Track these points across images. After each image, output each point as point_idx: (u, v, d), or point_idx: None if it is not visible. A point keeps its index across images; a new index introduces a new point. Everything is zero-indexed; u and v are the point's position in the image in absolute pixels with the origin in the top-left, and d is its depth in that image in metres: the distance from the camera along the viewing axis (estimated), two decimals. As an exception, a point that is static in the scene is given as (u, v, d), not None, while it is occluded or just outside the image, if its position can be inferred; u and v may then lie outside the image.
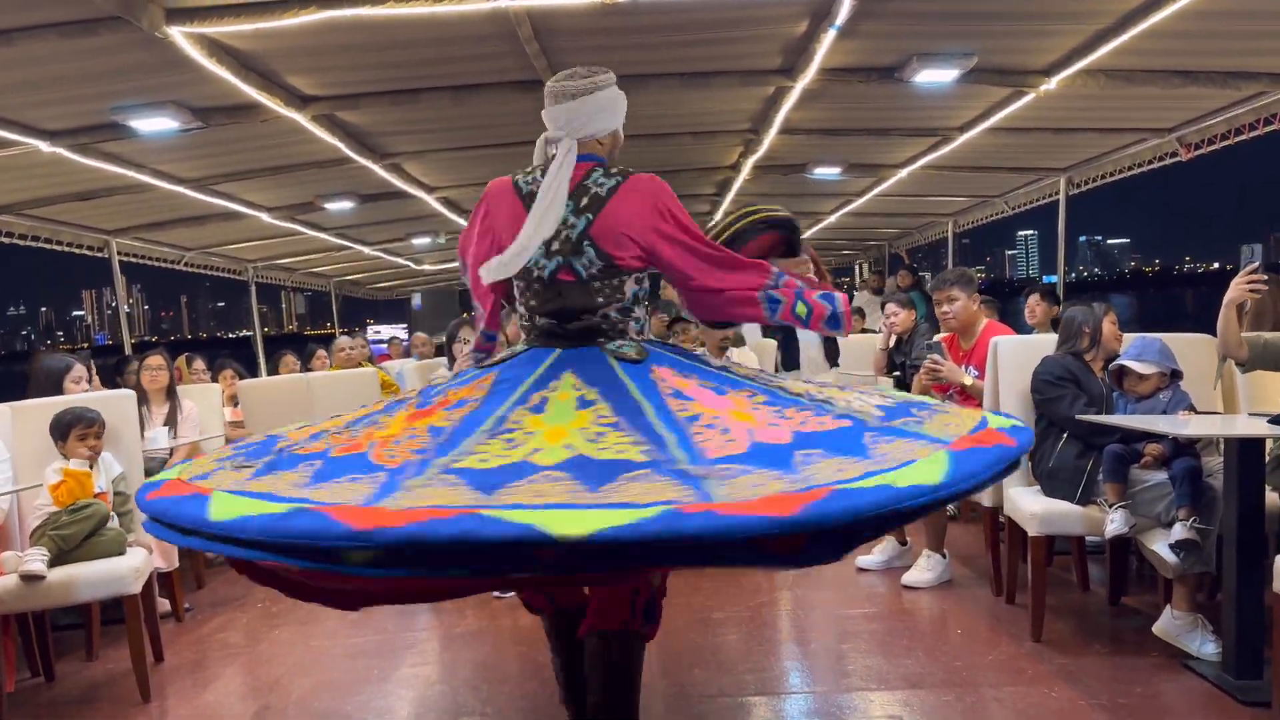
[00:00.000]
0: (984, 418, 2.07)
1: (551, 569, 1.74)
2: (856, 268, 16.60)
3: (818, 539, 1.66)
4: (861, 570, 4.41)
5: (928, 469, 1.73)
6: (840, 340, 5.74)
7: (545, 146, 2.36)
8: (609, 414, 1.98)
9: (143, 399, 5.01)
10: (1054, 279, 11.19)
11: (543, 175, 2.29)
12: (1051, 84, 5.49)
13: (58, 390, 4.11)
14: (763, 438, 1.90)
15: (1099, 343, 3.63)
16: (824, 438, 1.90)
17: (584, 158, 2.31)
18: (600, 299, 2.28)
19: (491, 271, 2.27)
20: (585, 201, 2.26)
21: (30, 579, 3.16)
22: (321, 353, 7.07)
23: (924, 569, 4.16)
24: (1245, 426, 3.03)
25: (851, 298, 10.63)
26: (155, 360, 5.10)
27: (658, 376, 2.16)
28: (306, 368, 7.12)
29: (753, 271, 2.30)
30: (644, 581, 2.32)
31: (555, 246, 2.27)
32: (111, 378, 5.88)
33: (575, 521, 1.54)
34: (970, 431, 1.95)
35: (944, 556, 4.20)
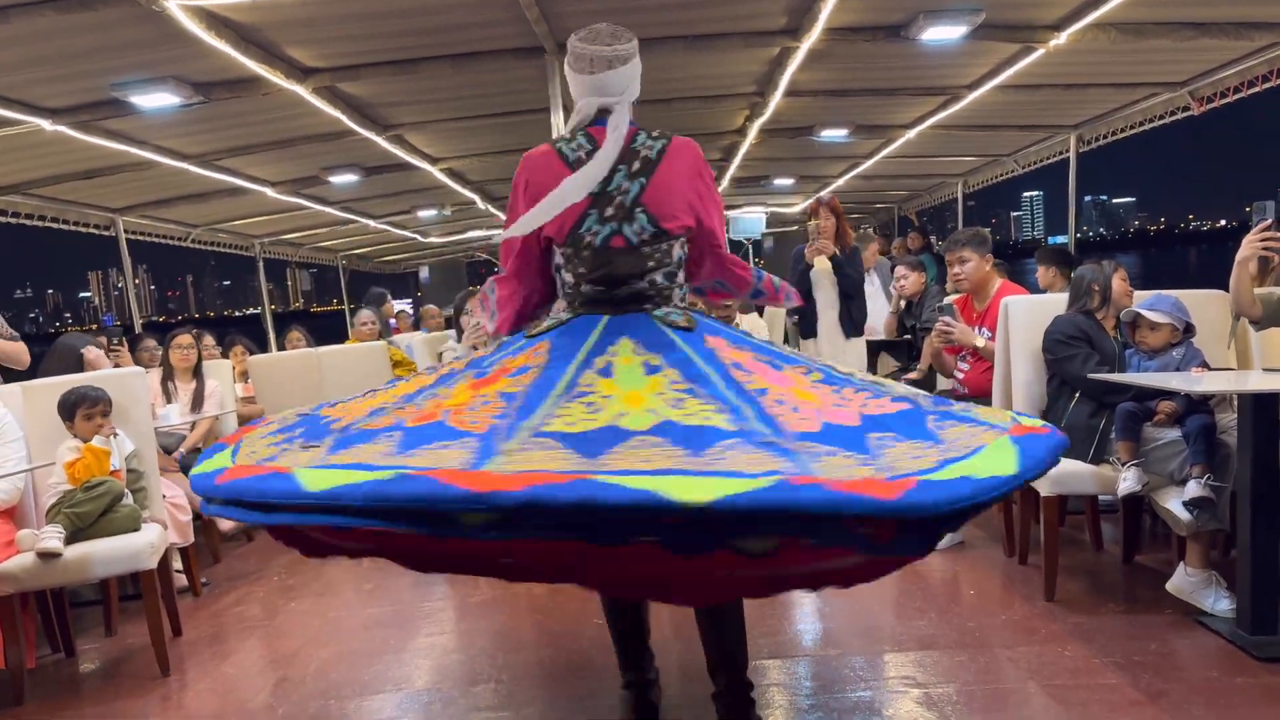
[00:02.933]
0: (1012, 416, 2.07)
1: (670, 536, 1.70)
2: (863, 231, 16.48)
3: (906, 528, 1.64)
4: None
5: (1000, 457, 1.73)
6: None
7: (589, 112, 2.32)
8: (680, 379, 1.98)
9: (169, 375, 5.04)
10: (1057, 239, 11.11)
11: (586, 140, 2.28)
12: (1061, 39, 5.40)
13: (79, 367, 4.14)
14: (831, 418, 1.89)
15: (1110, 301, 3.60)
16: (891, 420, 1.90)
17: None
18: (651, 264, 2.28)
19: (528, 220, 2.25)
20: (637, 166, 2.27)
21: (47, 556, 3.19)
22: (295, 334, 7.03)
23: (937, 531, 4.15)
24: (1259, 382, 3.01)
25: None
26: (185, 339, 5.13)
27: (713, 346, 2.16)
28: (281, 349, 7.07)
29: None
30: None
31: (610, 212, 2.26)
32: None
33: (696, 488, 1.53)
34: (1012, 422, 1.96)
35: (957, 518, 4.19)
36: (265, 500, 1.77)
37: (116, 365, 4.96)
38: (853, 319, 5.31)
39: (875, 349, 6.37)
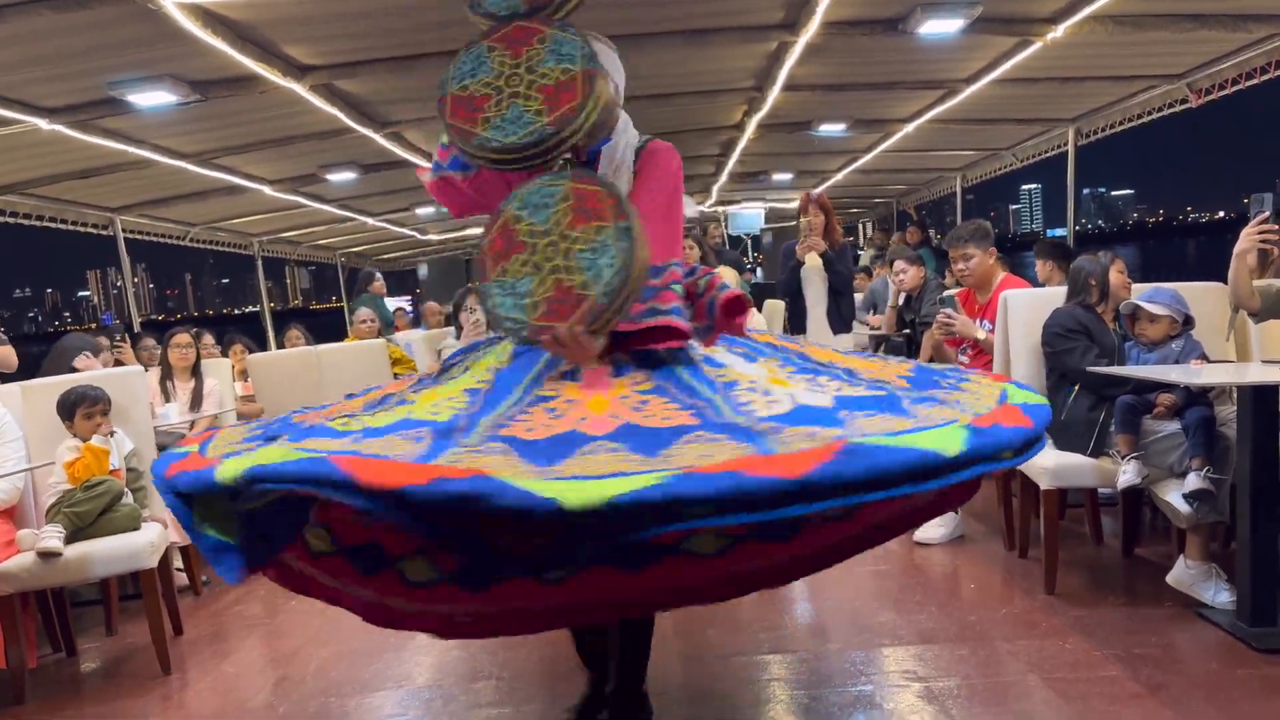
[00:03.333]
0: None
1: (610, 554, 1.69)
2: (860, 227, 16.47)
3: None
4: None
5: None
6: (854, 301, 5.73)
7: None
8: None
9: (167, 375, 5.04)
10: (1055, 232, 11.15)
11: None
12: (1059, 31, 5.40)
13: (70, 368, 4.14)
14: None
15: (1108, 294, 3.60)
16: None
17: None
18: None
19: None
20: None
21: (47, 556, 3.19)
22: (295, 333, 7.04)
23: (936, 525, 4.16)
24: (1258, 374, 3.00)
25: (857, 258, 10.57)
26: (183, 338, 5.12)
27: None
28: (280, 348, 7.08)
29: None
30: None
31: None
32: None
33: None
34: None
35: (956, 512, 4.19)
36: (184, 490, 1.75)
37: (119, 363, 4.97)
38: (841, 315, 5.33)
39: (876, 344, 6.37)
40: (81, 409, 3.53)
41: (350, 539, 2.02)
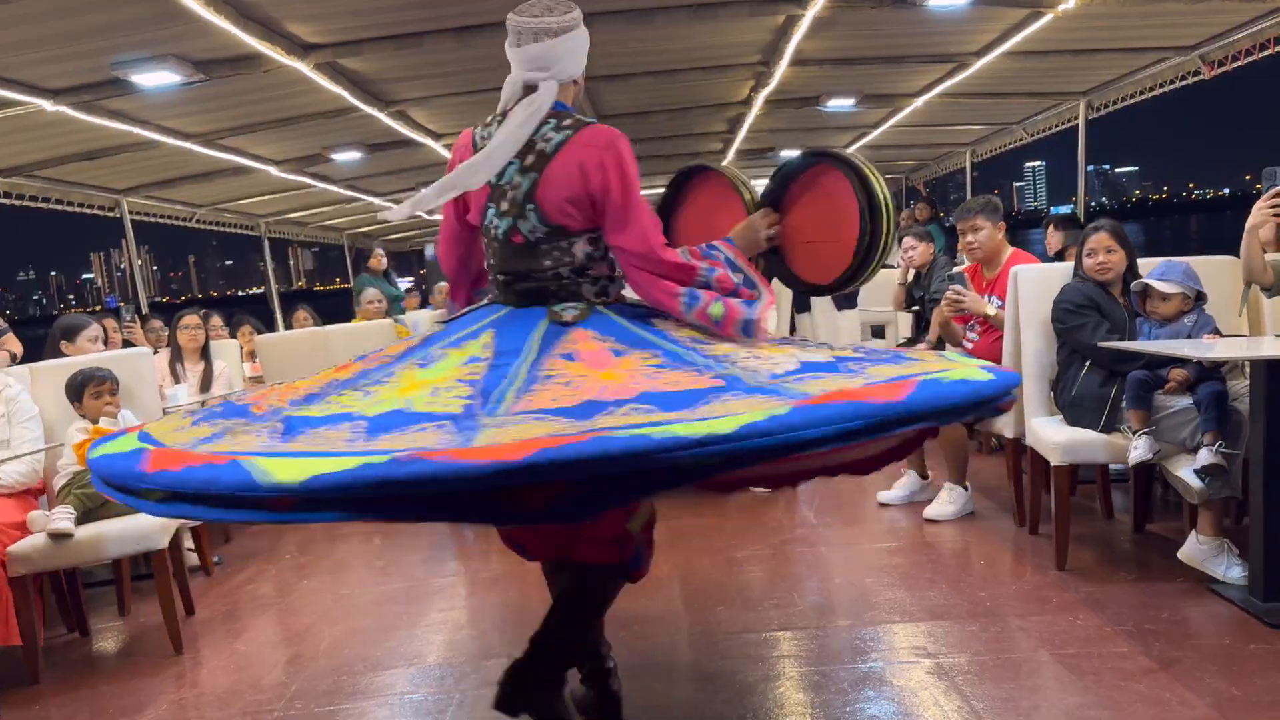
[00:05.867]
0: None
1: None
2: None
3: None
4: (883, 505, 4.40)
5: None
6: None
7: (515, 89, 2.20)
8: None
9: (177, 357, 5.05)
10: (1061, 209, 11.08)
11: (499, 124, 2.18)
12: (1070, 3, 5.34)
13: (58, 349, 4.14)
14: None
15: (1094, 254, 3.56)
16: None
17: (555, 105, 2.17)
18: (548, 262, 2.17)
19: (396, 211, 2.21)
20: (531, 159, 2.14)
21: (59, 537, 3.21)
22: (302, 314, 7.04)
23: (946, 502, 4.15)
24: (1271, 348, 2.98)
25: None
26: (192, 320, 5.11)
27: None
28: (288, 328, 7.09)
29: (680, 270, 2.13)
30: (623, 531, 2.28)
31: (504, 206, 2.18)
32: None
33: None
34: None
35: (966, 489, 4.19)
36: (218, 494, 1.61)
37: (127, 343, 4.97)
38: (854, 292, 5.30)
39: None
40: (90, 388, 3.54)
41: None
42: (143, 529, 3.32)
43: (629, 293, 2.29)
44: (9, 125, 5.77)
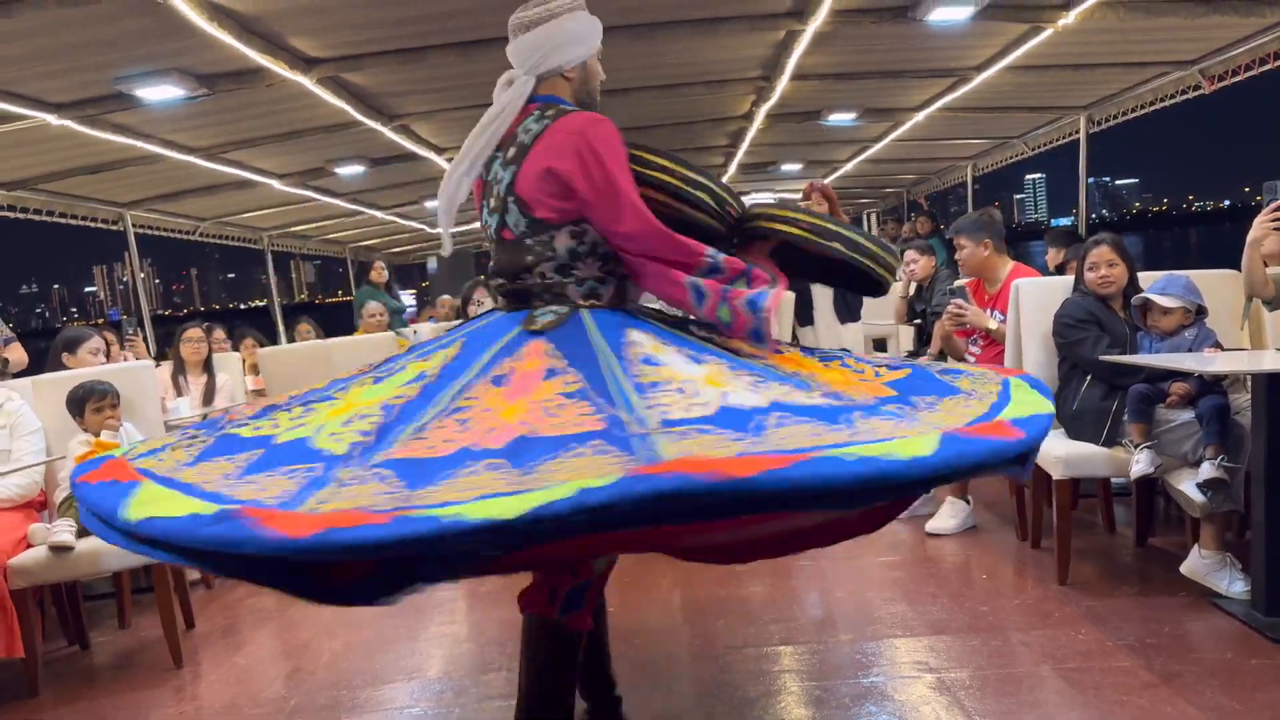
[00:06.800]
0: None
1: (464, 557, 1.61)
2: (865, 218, 16.39)
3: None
4: (885, 518, 4.38)
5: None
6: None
7: (501, 87, 2.20)
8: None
9: (179, 370, 5.05)
10: (1060, 222, 11.09)
11: None
12: (1070, 18, 5.34)
13: (59, 362, 4.15)
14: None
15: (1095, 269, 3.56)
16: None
17: (542, 99, 2.17)
18: (530, 257, 2.13)
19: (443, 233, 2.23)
20: (512, 153, 2.14)
21: (59, 550, 3.20)
22: (305, 326, 7.05)
23: (948, 516, 4.14)
24: (1273, 361, 2.98)
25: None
26: (195, 333, 5.12)
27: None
28: (290, 341, 7.11)
29: (682, 248, 2.03)
30: (583, 568, 2.22)
31: (493, 204, 2.18)
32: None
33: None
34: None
35: (968, 503, 4.18)
36: (97, 515, 1.67)
37: (128, 357, 4.98)
38: (848, 304, 5.30)
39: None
40: (91, 403, 3.54)
41: None
42: (143, 542, 3.32)
43: (651, 300, 2.24)
44: (14, 139, 5.79)
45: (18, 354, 4.30)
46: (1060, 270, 5.57)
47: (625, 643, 3.04)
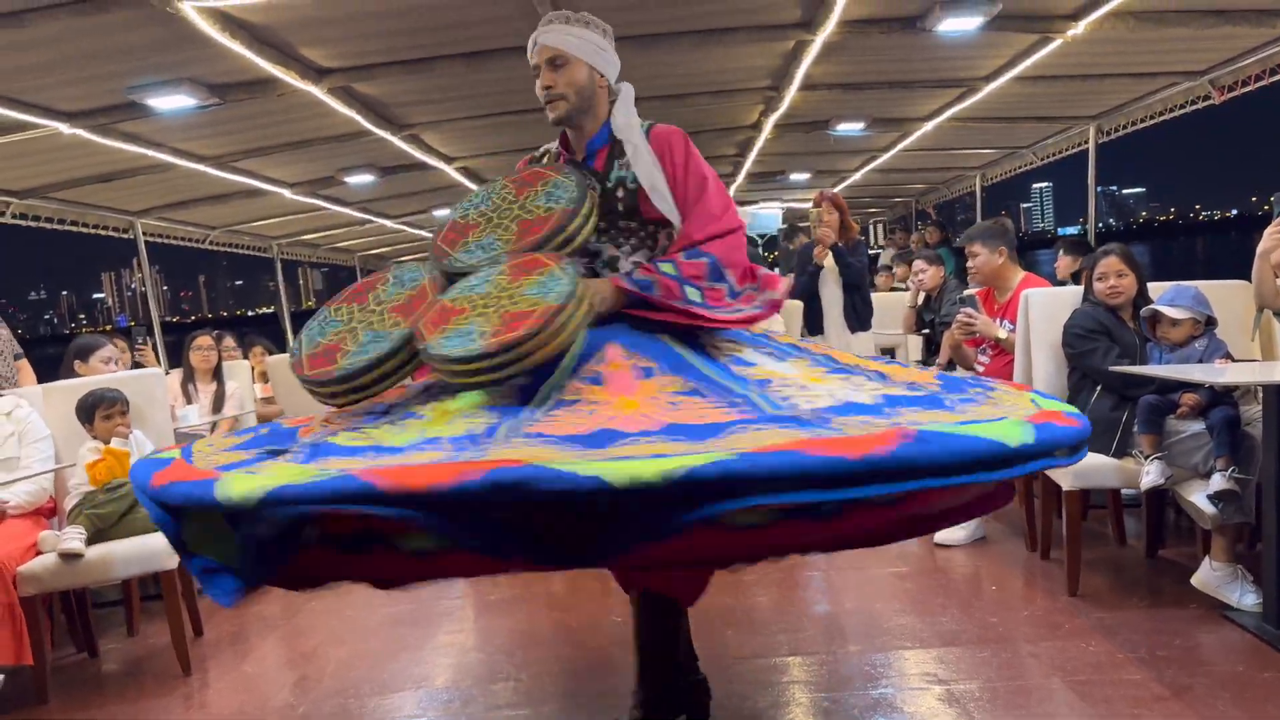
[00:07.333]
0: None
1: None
2: (872, 228, 16.38)
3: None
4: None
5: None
6: (874, 299, 5.69)
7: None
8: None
9: (189, 377, 5.07)
10: (1067, 231, 11.06)
11: None
12: (1079, 28, 5.35)
13: (72, 370, 4.16)
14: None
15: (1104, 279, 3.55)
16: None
17: None
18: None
19: None
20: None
21: (69, 557, 3.21)
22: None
23: (957, 526, 4.13)
24: (1285, 373, 2.97)
25: (876, 257, 10.49)
26: (205, 340, 5.13)
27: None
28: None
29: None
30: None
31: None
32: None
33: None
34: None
35: (977, 513, 4.16)
36: (190, 506, 1.66)
37: (138, 365, 5.00)
38: (858, 313, 5.29)
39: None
40: (101, 410, 3.55)
41: (339, 529, 1.91)
42: (152, 550, 3.32)
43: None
44: (26, 148, 5.83)
45: (28, 377, 4.28)
46: (1075, 278, 5.56)
47: (631, 654, 3.03)
